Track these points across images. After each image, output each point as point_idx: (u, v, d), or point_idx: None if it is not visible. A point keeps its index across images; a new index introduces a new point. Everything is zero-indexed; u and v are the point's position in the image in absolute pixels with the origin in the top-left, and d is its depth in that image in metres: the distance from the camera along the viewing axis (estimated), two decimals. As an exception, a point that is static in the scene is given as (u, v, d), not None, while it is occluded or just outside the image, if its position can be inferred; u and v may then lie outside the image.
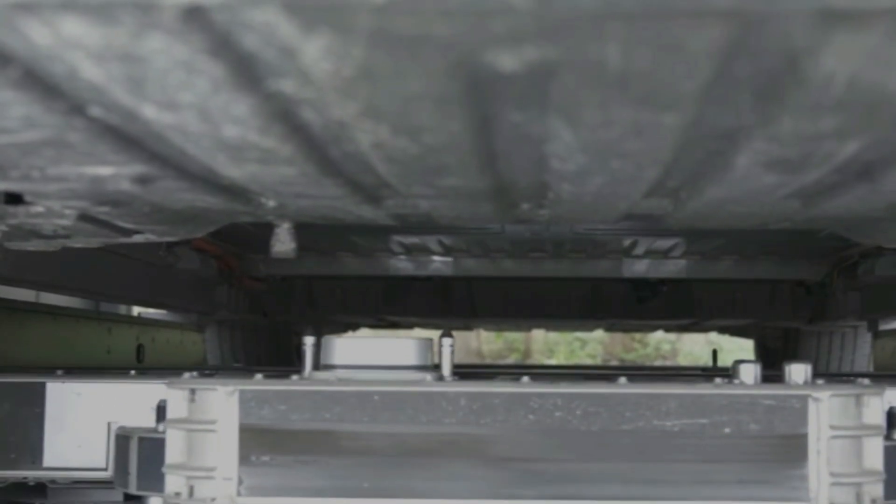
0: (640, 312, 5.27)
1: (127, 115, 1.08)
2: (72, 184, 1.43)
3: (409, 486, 1.84)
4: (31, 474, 2.23)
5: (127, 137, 1.18)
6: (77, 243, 1.95)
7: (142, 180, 1.41)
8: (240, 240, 4.11)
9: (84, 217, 1.70)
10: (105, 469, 2.21)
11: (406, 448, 1.84)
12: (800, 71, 0.93)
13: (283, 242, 2.05)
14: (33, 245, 1.93)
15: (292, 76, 0.95)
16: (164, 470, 1.88)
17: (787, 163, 1.31)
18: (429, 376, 1.92)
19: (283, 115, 1.08)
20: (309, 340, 1.98)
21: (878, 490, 1.84)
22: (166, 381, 1.92)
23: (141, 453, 1.94)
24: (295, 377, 1.91)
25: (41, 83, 0.97)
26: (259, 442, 1.84)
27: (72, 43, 0.86)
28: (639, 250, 4.27)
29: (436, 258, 4.49)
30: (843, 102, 1.02)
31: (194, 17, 0.81)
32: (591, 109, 1.06)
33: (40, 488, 2.27)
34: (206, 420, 1.85)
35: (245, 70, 0.93)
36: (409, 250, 4.38)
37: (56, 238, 1.88)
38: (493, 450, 1.83)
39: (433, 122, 1.11)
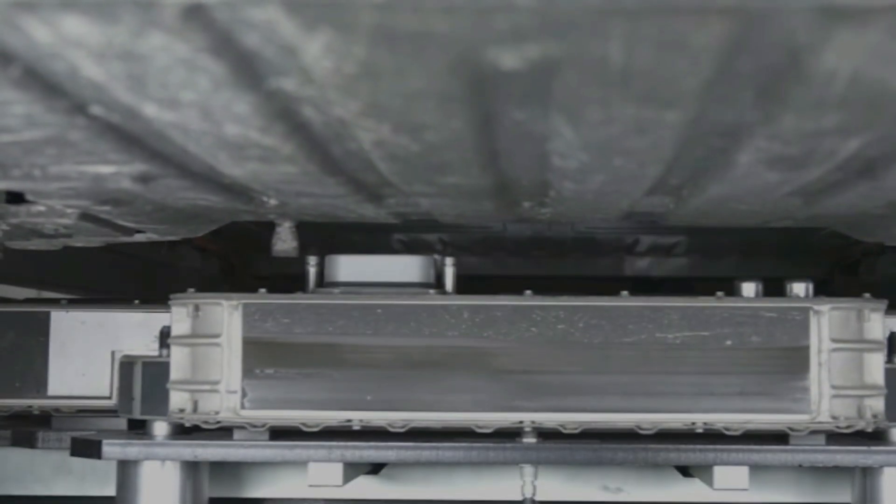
0: (641, 310, 5.26)
1: (128, 114, 1.08)
2: (73, 182, 1.42)
3: (412, 398, 1.85)
4: (35, 403, 2.24)
5: (128, 136, 1.18)
6: (78, 242, 1.95)
7: (143, 179, 1.41)
8: (241, 239, 4.10)
9: (85, 216, 1.70)
10: (109, 398, 2.22)
11: (409, 361, 1.85)
12: (802, 68, 0.92)
13: (285, 241, 2.05)
14: (34, 244, 1.93)
15: (293, 74, 0.94)
16: (169, 386, 1.88)
17: (789, 160, 1.31)
18: (432, 291, 1.92)
19: (285, 113, 1.08)
20: (312, 259, 1.98)
21: (879, 405, 1.85)
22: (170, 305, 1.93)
23: (145, 378, 1.94)
24: (299, 293, 1.92)
25: (42, 82, 0.97)
26: (263, 355, 1.85)
27: (72, 41, 0.86)
28: (640, 248, 4.26)
29: (437, 257, 4.48)
30: (845, 99, 1.02)
31: (195, 16, 0.81)
32: (593, 107, 1.06)
33: (45, 417, 2.28)
34: (210, 334, 1.86)
35: (246, 68, 0.93)
36: (410, 249, 4.37)
37: (57, 237, 1.88)
38: (495, 362, 1.84)
39: (435, 120, 1.11)
